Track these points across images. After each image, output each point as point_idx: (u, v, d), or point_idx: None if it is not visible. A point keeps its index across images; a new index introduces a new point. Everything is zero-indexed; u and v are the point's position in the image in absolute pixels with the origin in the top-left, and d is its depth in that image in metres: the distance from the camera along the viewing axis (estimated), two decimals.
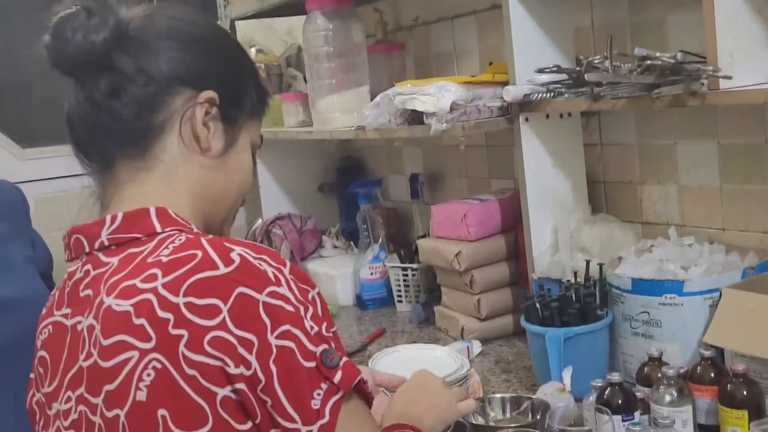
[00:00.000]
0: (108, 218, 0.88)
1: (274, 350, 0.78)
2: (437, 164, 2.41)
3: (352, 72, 2.19)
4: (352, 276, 2.38)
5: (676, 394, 1.27)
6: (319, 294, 0.85)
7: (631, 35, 1.72)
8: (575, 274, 1.62)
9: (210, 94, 0.93)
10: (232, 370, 0.77)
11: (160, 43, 0.92)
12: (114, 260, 0.86)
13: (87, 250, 0.89)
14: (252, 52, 2.55)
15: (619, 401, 1.27)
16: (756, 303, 1.31)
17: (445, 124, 1.71)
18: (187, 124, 0.92)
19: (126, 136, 0.92)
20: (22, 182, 1.43)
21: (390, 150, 2.58)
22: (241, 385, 0.77)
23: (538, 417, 1.32)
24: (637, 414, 1.27)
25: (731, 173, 1.61)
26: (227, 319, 0.77)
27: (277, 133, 2.36)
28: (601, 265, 1.57)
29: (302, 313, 0.80)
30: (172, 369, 0.77)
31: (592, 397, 1.31)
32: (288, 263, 0.84)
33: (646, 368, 1.38)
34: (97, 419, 0.80)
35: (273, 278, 0.80)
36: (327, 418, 0.79)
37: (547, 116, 1.74)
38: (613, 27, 1.75)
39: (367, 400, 0.88)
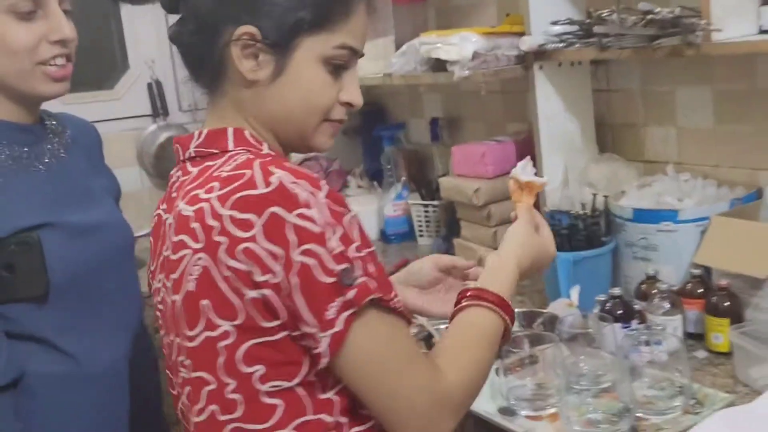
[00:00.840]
0: (196, 133, 1.02)
1: (297, 265, 0.86)
2: (456, 109, 2.57)
3: (378, 22, 2.33)
4: (376, 213, 2.57)
5: (668, 306, 1.47)
6: (354, 217, 0.91)
7: None
8: (583, 206, 1.79)
9: (245, 28, 0.95)
10: (259, 277, 0.87)
11: None
12: (195, 170, 0.98)
13: (181, 158, 1.04)
14: None
15: (619, 311, 1.46)
16: (740, 228, 1.50)
17: (467, 71, 1.88)
18: (228, 61, 0.97)
19: (196, 72, 1.04)
20: None
21: (412, 96, 2.74)
22: (267, 291, 0.87)
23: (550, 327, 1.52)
24: (634, 322, 1.47)
25: (724, 116, 1.78)
26: (258, 234, 0.86)
27: None
28: (606, 198, 1.75)
29: (328, 234, 0.87)
30: (212, 268, 0.89)
31: (597, 310, 1.50)
32: (325, 189, 0.89)
33: (643, 285, 1.57)
34: (169, 299, 0.98)
35: (303, 201, 0.87)
36: (339, 327, 0.88)
37: (560, 64, 1.90)
38: None
39: (400, 315, 0.93)
